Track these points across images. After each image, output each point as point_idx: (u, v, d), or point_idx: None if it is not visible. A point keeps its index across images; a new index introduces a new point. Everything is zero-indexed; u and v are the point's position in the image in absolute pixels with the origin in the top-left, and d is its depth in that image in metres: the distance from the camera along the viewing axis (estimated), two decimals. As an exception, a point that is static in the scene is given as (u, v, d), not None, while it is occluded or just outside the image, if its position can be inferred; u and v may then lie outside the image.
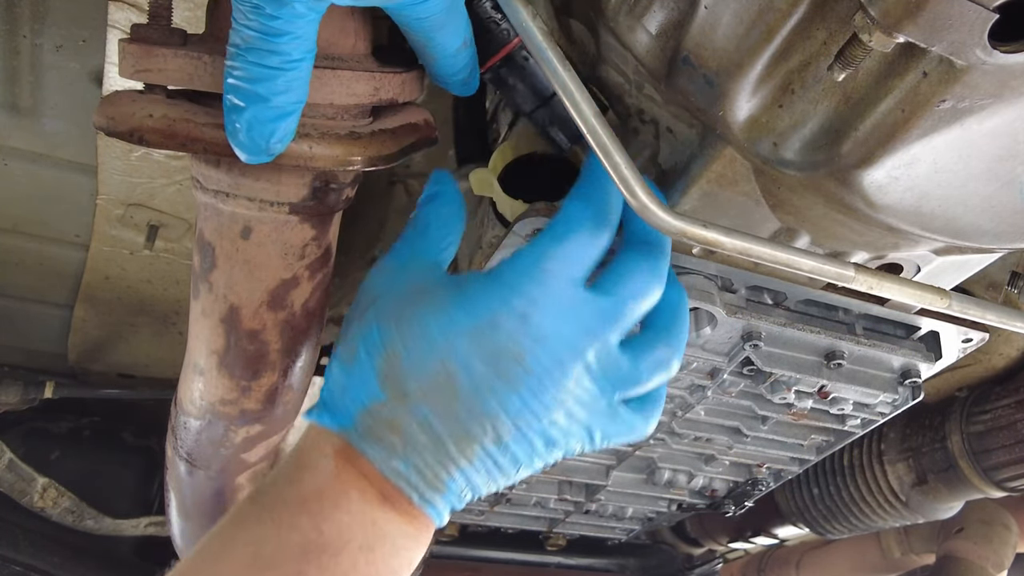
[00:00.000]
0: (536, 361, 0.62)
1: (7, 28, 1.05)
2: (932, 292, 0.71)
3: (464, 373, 0.61)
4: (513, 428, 0.62)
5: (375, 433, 0.62)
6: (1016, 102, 0.57)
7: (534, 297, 0.62)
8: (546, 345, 0.62)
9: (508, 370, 0.61)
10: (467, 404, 0.61)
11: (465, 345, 0.61)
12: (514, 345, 0.61)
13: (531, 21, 0.62)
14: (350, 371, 0.64)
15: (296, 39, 0.56)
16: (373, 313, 0.64)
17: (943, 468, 1.44)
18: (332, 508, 0.61)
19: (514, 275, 0.63)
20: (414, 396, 0.61)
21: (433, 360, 0.61)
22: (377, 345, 0.63)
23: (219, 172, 0.67)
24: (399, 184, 1.31)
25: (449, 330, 0.62)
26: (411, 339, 0.62)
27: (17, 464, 1.47)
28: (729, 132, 0.67)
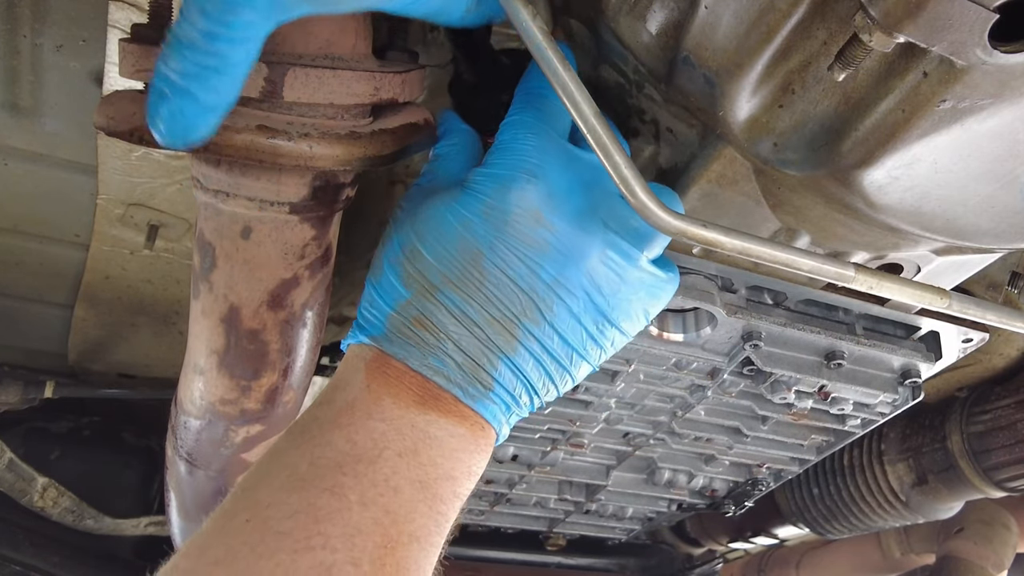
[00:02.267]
0: (556, 217, 0.61)
1: (7, 28, 1.05)
2: (932, 292, 0.71)
3: (487, 249, 0.60)
4: (554, 298, 0.61)
5: (404, 333, 0.61)
6: (1016, 102, 0.57)
7: (532, 161, 0.62)
8: (561, 200, 0.62)
9: (531, 233, 0.61)
10: (496, 281, 0.60)
11: (480, 221, 0.61)
12: (529, 206, 0.61)
13: (531, 21, 0.62)
14: (376, 284, 0.64)
15: (241, 45, 0.53)
16: (393, 229, 0.66)
17: (943, 468, 1.44)
18: (364, 418, 0.59)
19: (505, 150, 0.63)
20: (440, 285, 0.61)
21: (452, 245, 0.61)
22: (396, 251, 0.63)
23: (219, 172, 0.67)
24: (399, 184, 1.31)
25: (462, 213, 0.62)
26: (427, 231, 0.62)
27: (17, 464, 1.47)
28: (729, 132, 0.67)
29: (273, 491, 0.57)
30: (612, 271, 0.63)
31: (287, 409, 0.84)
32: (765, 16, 0.60)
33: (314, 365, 0.85)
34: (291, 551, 0.53)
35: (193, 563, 0.55)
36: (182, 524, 1.02)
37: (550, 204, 0.61)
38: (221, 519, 0.57)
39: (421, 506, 0.58)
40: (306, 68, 0.62)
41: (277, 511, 0.55)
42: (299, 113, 0.64)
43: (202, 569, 0.54)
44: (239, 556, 0.53)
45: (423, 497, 0.59)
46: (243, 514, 0.56)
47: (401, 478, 0.58)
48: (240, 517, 0.56)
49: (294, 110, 0.64)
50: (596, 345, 0.64)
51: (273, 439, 0.88)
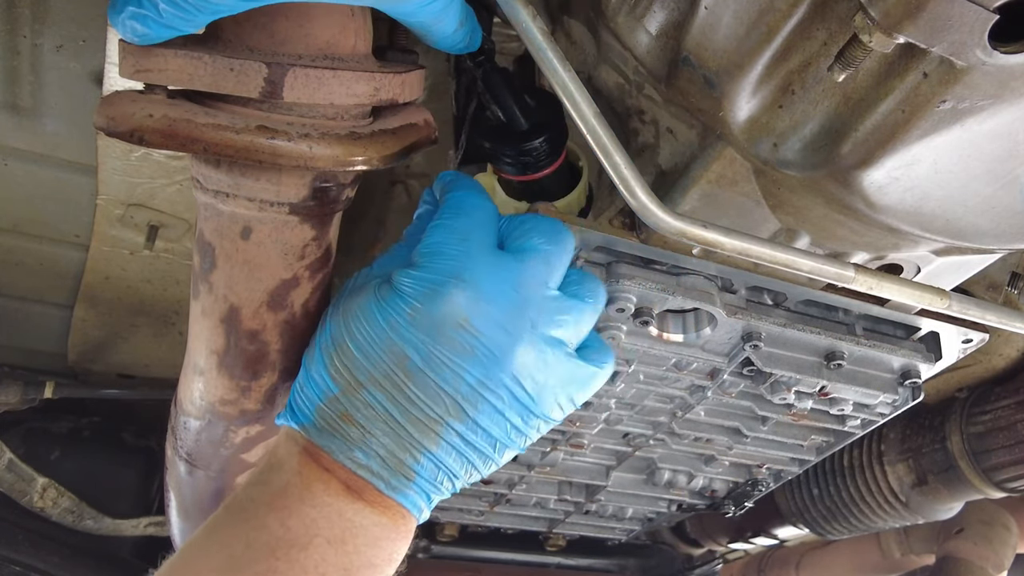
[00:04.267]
0: (482, 322, 0.62)
1: (7, 28, 1.05)
2: (932, 293, 0.71)
3: (412, 351, 0.61)
4: (478, 398, 0.62)
5: (331, 426, 0.63)
6: (1016, 103, 0.57)
7: (459, 264, 0.63)
8: (487, 303, 0.62)
9: (456, 338, 0.62)
10: (421, 383, 0.62)
11: (407, 325, 0.62)
12: (455, 312, 0.62)
13: (531, 21, 0.62)
14: (308, 369, 0.66)
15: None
16: (328, 317, 0.68)
17: (943, 469, 1.44)
18: (298, 503, 0.62)
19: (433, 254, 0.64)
20: (366, 384, 0.62)
21: (379, 345, 0.62)
22: (327, 341, 0.65)
23: (219, 172, 0.67)
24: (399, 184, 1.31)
25: (390, 315, 0.62)
26: (356, 328, 0.64)
27: (17, 464, 1.47)
28: (729, 133, 0.67)
29: (209, 571, 0.60)
30: (537, 369, 0.64)
31: (287, 409, 0.84)
32: (765, 17, 0.60)
33: (314, 365, 0.85)
34: None
35: None
36: (182, 525, 1.02)
37: (476, 309, 0.62)
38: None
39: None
40: (306, 69, 0.62)
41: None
42: (299, 114, 0.64)
43: None
44: None
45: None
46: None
47: (329, 565, 0.61)
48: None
49: (294, 111, 0.64)
50: (520, 434, 0.66)
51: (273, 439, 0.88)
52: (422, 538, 1.78)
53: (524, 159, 0.79)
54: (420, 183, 1.36)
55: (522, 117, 0.78)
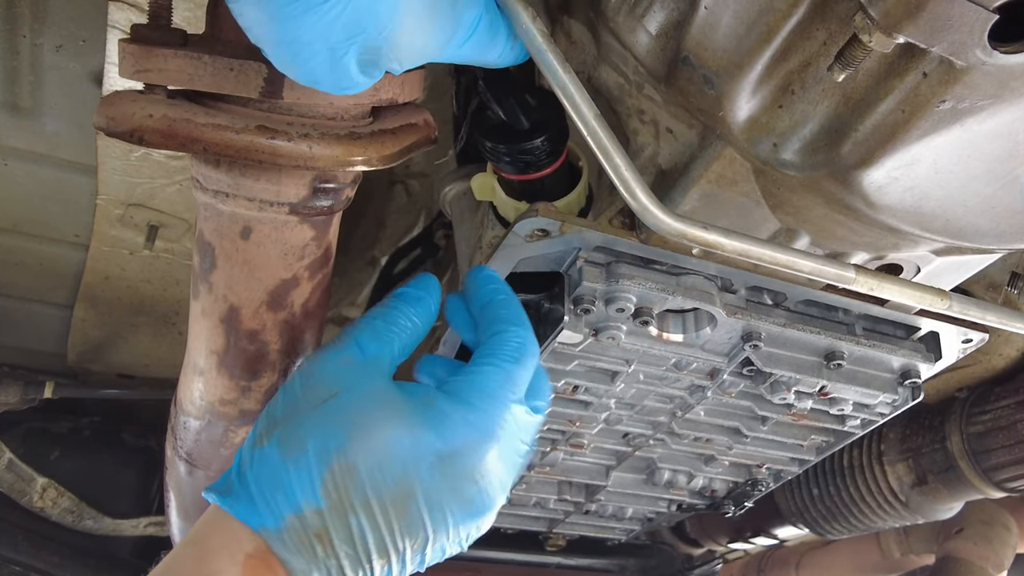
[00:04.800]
0: (491, 481, 0.65)
1: (7, 28, 1.05)
2: (932, 293, 0.71)
3: (422, 491, 0.61)
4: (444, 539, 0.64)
5: (301, 541, 0.59)
6: (1016, 103, 0.57)
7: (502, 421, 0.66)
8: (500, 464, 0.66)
9: (465, 491, 0.63)
10: (412, 521, 0.61)
11: (431, 466, 0.62)
12: (478, 467, 0.64)
13: (531, 23, 0.62)
14: (293, 466, 0.60)
15: None
16: (330, 412, 0.62)
17: (943, 468, 1.44)
18: None
19: (484, 397, 0.66)
20: (358, 508, 0.60)
21: (394, 477, 0.61)
22: (330, 451, 0.60)
23: (219, 172, 0.67)
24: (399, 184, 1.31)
25: (419, 449, 0.62)
26: (373, 455, 0.61)
27: (17, 464, 1.47)
28: (729, 133, 0.67)
29: None
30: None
31: (287, 409, 0.84)
32: (765, 17, 0.60)
33: (314, 365, 0.85)
34: None
35: None
36: (181, 525, 1.02)
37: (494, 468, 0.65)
38: None
39: None
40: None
41: None
42: (299, 114, 0.64)
43: None
44: None
45: None
46: None
47: None
48: None
49: (294, 111, 0.64)
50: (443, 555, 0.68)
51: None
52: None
53: (524, 158, 0.78)
54: (420, 183, 1.36)
55: (523, 116, 0.78)
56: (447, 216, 1.10)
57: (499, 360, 0.68)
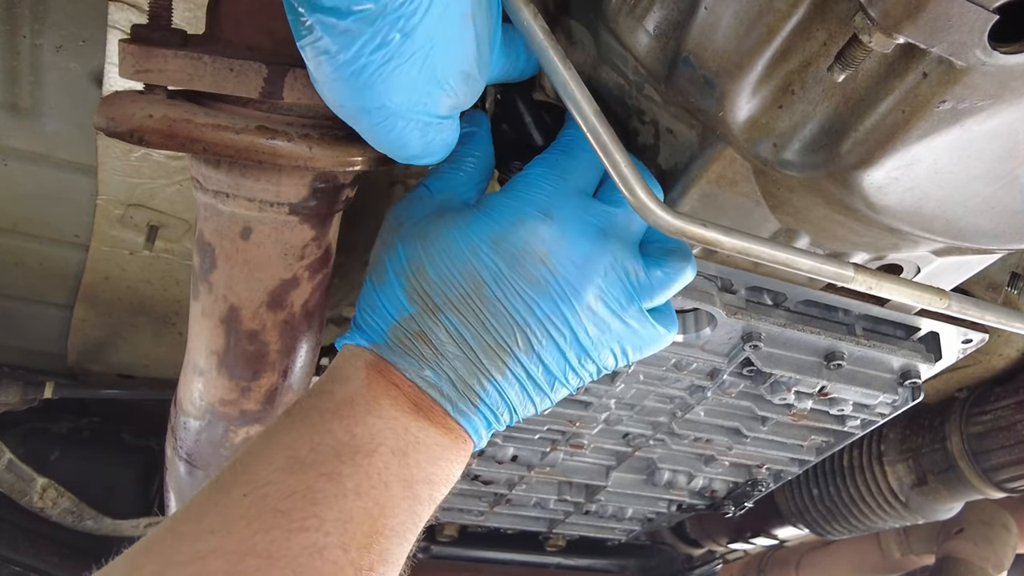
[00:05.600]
0: (560, 260, 0.64)
1: (7, 28, 1.05)
2: (932, 293, 0.71)
3: (490, 279, 0.63)
4: (544, 333, 0.64)
5: (405, 344, 0.64)
6: (1016, 103, 0.57)
7: (551, 201, 0.65)
8: (569, 244, 0.64)
9: (534, 271, 0.63)
10: (494, 311, 0.63)
11: (489, 251, 0.63)
12: (538, 245, 0.63)
13: (532, 21, 0.62)
14: (380, 290, 0.66)
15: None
16: (398, 236, 0.67)
17: (943, 469, 1.44)
18: (364, 413, 0.62)
19: (528, 184, 0.66)
20: (442, 307, 0.63)
21: (458, 270, 0.63)
22: (403, 263, 0.65)
23: (219, 172, 0.67)
24: (399, 185, 1.31)
25: (472, 239, 0.64)
26: (436, 252, 0.64)
27: (17, 464, 1.47)
28: (729, 133, 0.67)
29: (272, 471, 0.58)
30: (604, 317, 0.66)
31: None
32: (765, 17, 0.60)
33: (314, 366, 0.85)
34: (286, 529, 0.55)
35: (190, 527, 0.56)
36: (182, 525, 1.02)
37: (558, 246, 0.64)
38: (217, 492, 0.59)
39: (403, 503, 0.61)
40: (306, 69, 0.62)
41: (275, 489, 0.57)
42: (299, 114, 0.64)
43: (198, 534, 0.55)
44: (235, 528, 0.55)
45: (406, 495, 0.61)
46: (240, 488, 0.58)
47: (391, 475, 0.61)
48: (237, 491, 0.57)
49: (294, 111, 0.64)
50: (576, 375, 0.68)
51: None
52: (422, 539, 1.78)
53: None
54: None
55: (538, 133, 0.79)
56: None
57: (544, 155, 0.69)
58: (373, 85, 0.54)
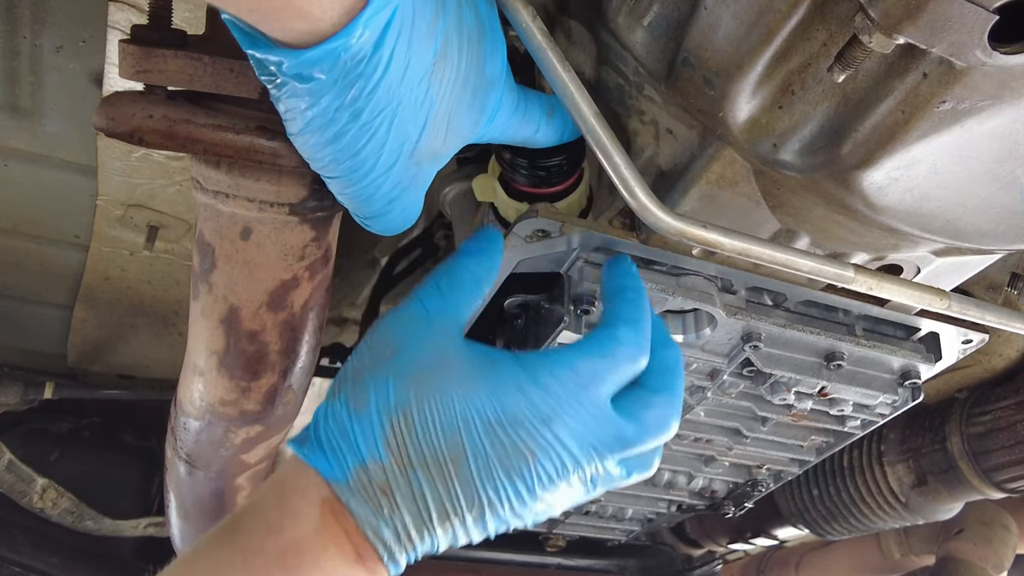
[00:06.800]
0: (545, 464, 0.63)
1: (7, 29, 1.05)
2: (932, 293, 0.71)
3: (471, 455, 0.61)
4: (501, 510, 0.63)
5: (367, 492, 0.61)
6: (1016, 103, 0.57)
7: (563, 406, 0.63)
8: (560, 452, 0.63)
9: (516, 465, 0.62)
10: (464, 484, 0.61)
11: (481, 431, 0.62)
12: (530, 444, 0.62)
13: (531, 21, 0.62)
14: (357, 420, 0.62)
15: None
16: (392, 368, 0.63)
17: (943, 469, 1.44)
18: (311, 566, 0.60)
19: (550, 376, 0.64)
20: (416, 465, 0.61)
21: (445, 436, 0.61)
22: (391, 405, 0.62)
23: (219, 173, 0.67)
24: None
25: (470, 411, 0.62)
26: (429, 410, 0.61)
27: (17, 465, 1.47)
28: (729, 133, 0.67)
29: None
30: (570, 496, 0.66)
31: (287, 410, 0.84)
32: (765, 17, 0.59)
33: (314, 366, 0.85)
34: None
35: None
36: (181, 525, 1.02)
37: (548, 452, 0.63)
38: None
39: None
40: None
41: None
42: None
43: None
44: None
45: None
46: None
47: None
48: None
49: (294, 111, 0.64)
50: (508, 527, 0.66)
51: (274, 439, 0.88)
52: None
53: (540, 174, 0.79)
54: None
55: None
56: (447, 217, 1.10)
57: (584, 349, 0.67)
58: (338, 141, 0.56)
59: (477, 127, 0.66)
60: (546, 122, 0.71)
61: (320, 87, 0.53)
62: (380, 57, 0.53)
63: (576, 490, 0.65)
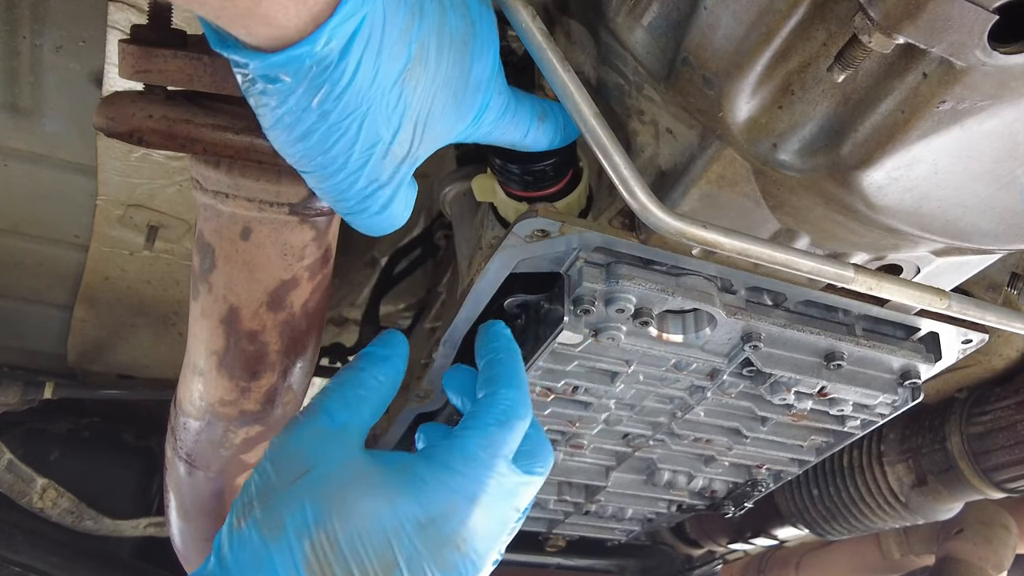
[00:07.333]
0: (475, 545, 0.64)
1: (7, 29, 1.05)
2: (931, 293, 0.71)
3: (404, 561, 0.61)
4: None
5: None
6: (1016, 103, 0.57)
7: (481, 484, 0.66)
8: (485, 528, 0.65)
9: (449, 557, 0.63)
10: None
11: (413, 534, 0.62)
12: (462, 533, 0.64)
13: (531, 21, 0.62)
14: (272, 547, 0.59)
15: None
16: (304, 487, 0.61)
17: (943, 469, 1.44)
18: None
19: (465, 460, 0.66)
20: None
21: (375, 548, 0.60)
22: (308, 527, 0.60)
23: (219, 173, 0.67)
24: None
25: (399, 517, 0.62)
26: (352, 527, 0.60)
27: (16, 465, 1.47)
28: (729, 133, 0.67)
29: None
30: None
31: (286, 410, 0.84)
32: (764, 17, 0.59)
33: (314, 366, 0.85)
34: None
35: None
36: (181, 525, 1.02)
37: (475, 534, 0.65)
38: None
39: None
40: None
41: None
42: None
43: None
44: None
45: None
46: None
47: None
48: None
49: (294, 111, 0.64)
50: None
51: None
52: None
53: (529, 178, 0.79)
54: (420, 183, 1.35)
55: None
56: (447, 216, 1.10)
57: (482, 423, 0.69)
58: (307, 139, 0.56)
59: (457, 129, 0.66)
60: (536, 126, 0.71)
61: (287, 87, 0.53)
62: (346, 64, 0.53)
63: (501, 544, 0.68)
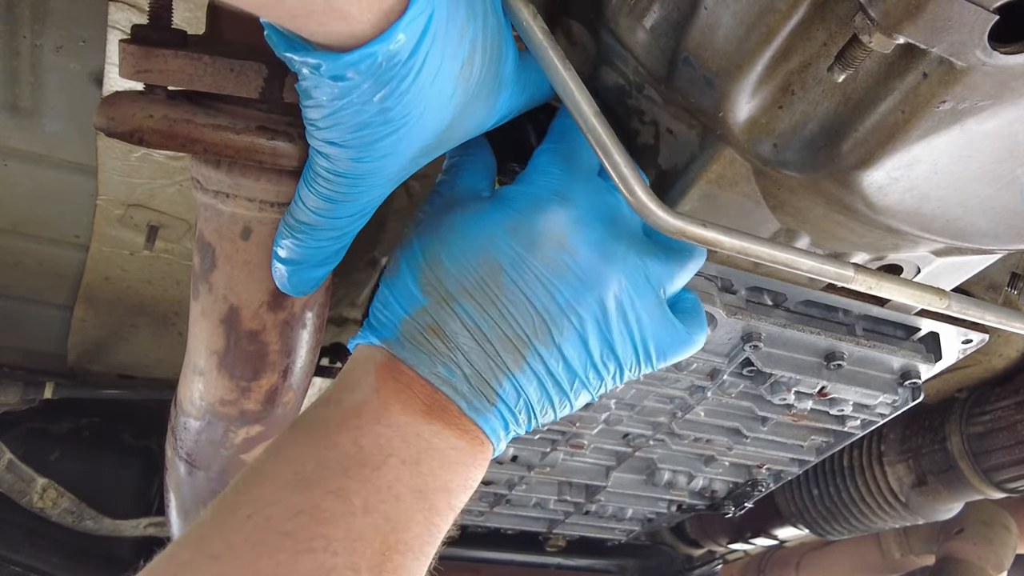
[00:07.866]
0: (579, 243, 0.63)
1: (7, 29, 1.05)
2: (932, 293, 0.71)
3: (508, 264, 0.61)
4: (565, 322, 0.62)
5: (417, 339, 0.61)
6: (1016, 103, 0.57)
7: (564, 184, 0.65)
8: (586, 226, 0.63)
9: (553, 255, 0.62)
10: (513, 297, 0.61)
11: (506, 237, 0.62)
12: (556, 229, 0.63)
13: (532, 21, 0.62)
14: (392, 285, 0.64)
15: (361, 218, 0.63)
16: (414, 231, 0.66)
17: (943, 469, 1.44)
18: (372, 423, 0.59)
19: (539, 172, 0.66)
20: (457, 295, 0.61)
21: (475, 256, 0.62)
22: (416, 255, 0.64)
23: (219, 173, 0.67)
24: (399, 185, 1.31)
25: (489, 226, 0.63)
26: (451, 240, 0.63)
27: (17, 465, 1.47)
28: (729, 133, 0.67)
29: (277, 488, 0.56)
30: (625, 306, 0.65)
31: (287, 410, 0.84)
32: (765, 17, 0.59)
33: (314, 366, 0.85)
34: (292, 551, 0.53)
35: (191, 554, 0.54)
36: (182, 525, 1.02)
37: (576, 230, 0.63)
38: (221, 513, 0.57)
39: (418, 515, 0.59)
40: (306, 69, 0.62)
41: (280, 509, 0.55)
42: (299, 114, 0.64)
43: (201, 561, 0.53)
44: (239, 552, 0.53)
45: (421, 507, 0.59)
46: (244, 509, 0.55)
47: (403, 486, 0.58)
48: (242, 512, 0.55)
49: (294, 111, 0.64)
50: (597, 375, 0.65)
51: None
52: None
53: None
54: (420, 184, 1.36)
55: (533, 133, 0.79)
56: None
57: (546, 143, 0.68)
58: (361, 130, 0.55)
59: (482, 127, 0.67)
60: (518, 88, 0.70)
61: (352, 84, 0.52)
62: (415, 61, 0.52)
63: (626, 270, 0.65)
